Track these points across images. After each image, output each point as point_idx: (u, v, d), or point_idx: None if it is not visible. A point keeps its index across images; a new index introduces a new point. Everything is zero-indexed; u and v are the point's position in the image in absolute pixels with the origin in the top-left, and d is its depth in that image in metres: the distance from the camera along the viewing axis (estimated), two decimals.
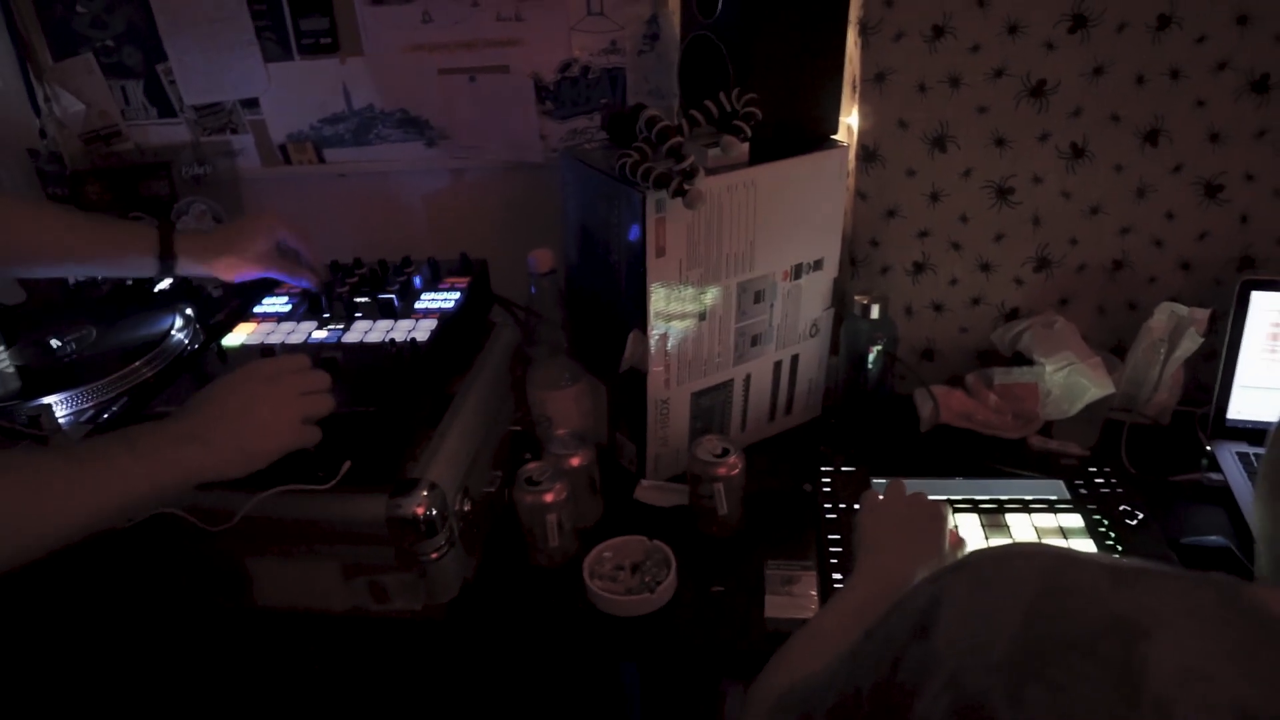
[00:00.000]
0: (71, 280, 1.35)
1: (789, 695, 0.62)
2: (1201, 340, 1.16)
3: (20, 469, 0.68)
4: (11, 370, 1.12)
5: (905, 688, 0.48)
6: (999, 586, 0.47)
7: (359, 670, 0.97)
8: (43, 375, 1.09)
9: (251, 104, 1.39)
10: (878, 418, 1.27)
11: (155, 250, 1.06)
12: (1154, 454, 1.17)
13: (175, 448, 0.76)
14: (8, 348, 1.15)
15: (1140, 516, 1.06)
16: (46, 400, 1.01)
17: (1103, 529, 1.04)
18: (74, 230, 1.05)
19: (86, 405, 1.04)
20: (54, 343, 1.14)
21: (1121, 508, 1.07)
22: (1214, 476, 1.13)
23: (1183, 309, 1.17)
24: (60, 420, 1.01)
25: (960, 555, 0.92)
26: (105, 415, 1.03)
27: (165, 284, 1.26)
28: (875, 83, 1.16)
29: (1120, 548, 1.01)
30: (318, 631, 0.99)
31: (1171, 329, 1.18)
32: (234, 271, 1.11)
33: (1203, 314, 1.16)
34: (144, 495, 0.74)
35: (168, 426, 0.78)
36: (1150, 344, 1.19)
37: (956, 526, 0.96)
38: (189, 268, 1.09)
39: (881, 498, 0.95)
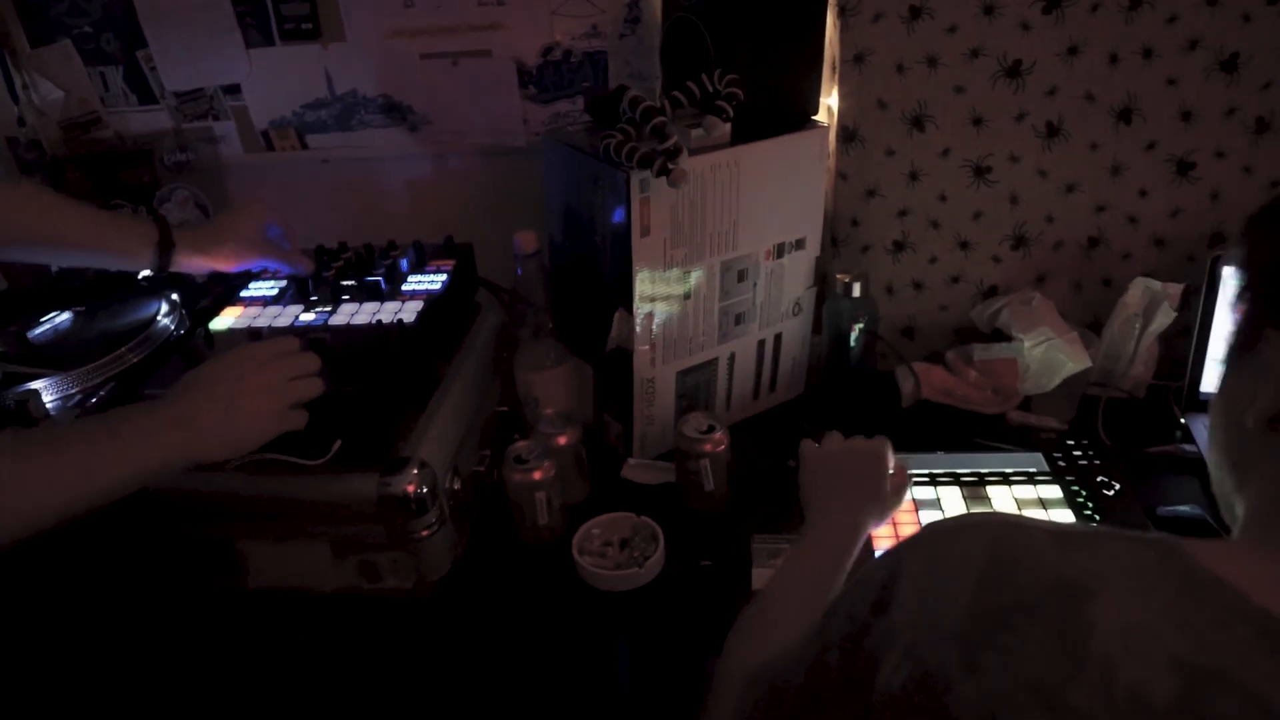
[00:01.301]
0: (54, 267, 1.34)
1: (760, 674, 0.63)
2: (1175, 315, 1.19)
3: (5, 453, 0.68)
4: None
5: (869, 660, 0.49)
6: (950, 560, 0.49)
7: (350, 649, 0.98)
8: (28, 360, 1.09)
9: (233, 90, 1.39)
10: (860, 395, 1.29)
11: (155, 241, 1.04)
12: (1130, 427, 1.20)
13: (161, 433, 0.76)
14: None
15: (1117, 487, 1.08)
16: (34, 385, 1.02)
17: (1080, 499, 1.06)
18: (72, 218, 1.03)
19: (73, 390, 1.04)
20: (39, 329, 1.14)
21: (1099, 479, 1.09)
22: (1188, 448, 1.16)
23: (1156, 284, 1.19)
24: (48, 405, 1.01)
25: (903, 494, 0.95)
26: (93, 400, 1.03)
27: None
28: (854, 64, 1.18)
29: (1098, 517, 1.04)
30: (309, 611, 0.99)
31: (1146, 304, 1.20)
32: (233, 261, 1.10)
33: (1176, 289, 1.19)
34: (126, 480, 0.74)
35: (154, 411, 0.78)
36: (1125, 319, 1.21)
37: (903, 466, 0.97)
38: (187, 260, 1.07)
39: (818, 447, 0.97)
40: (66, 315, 1.18)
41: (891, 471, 0.95)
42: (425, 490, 0.92)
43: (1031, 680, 0.41)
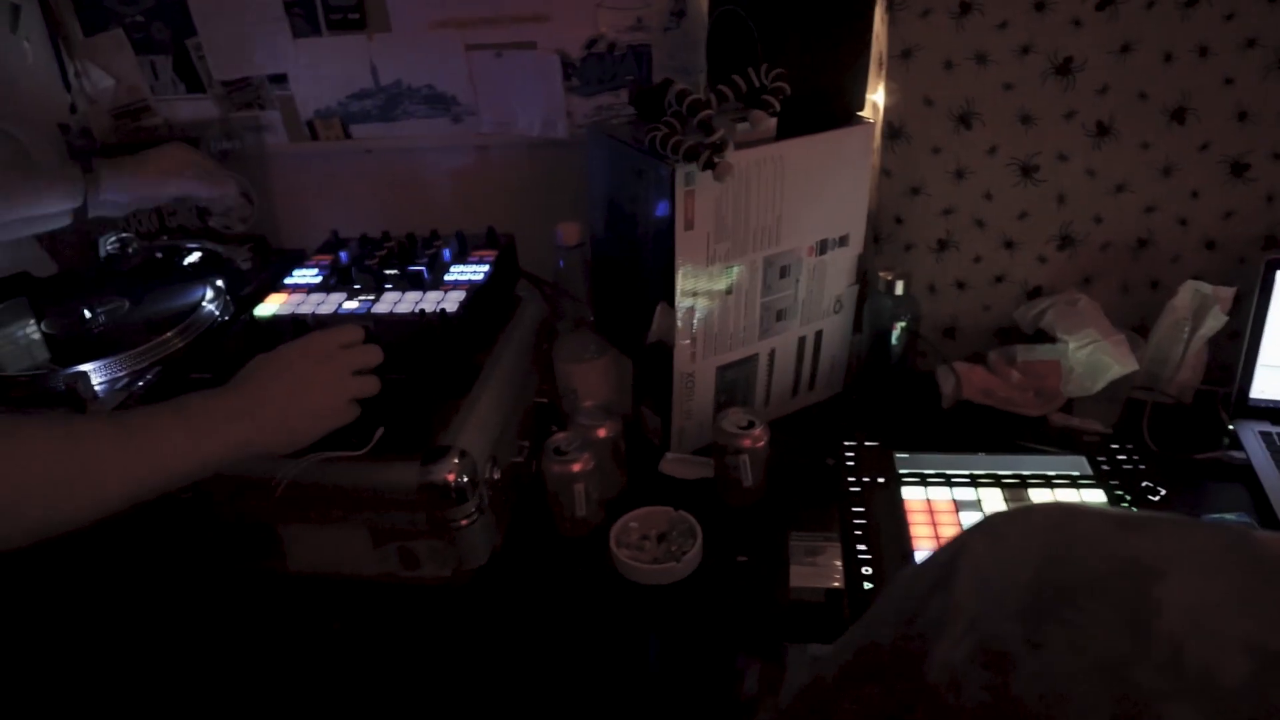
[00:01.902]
0: (104, 247, 1.36)
1: (815, 657, 0.63)
2: (1225, 319, 1.16)
3: (76, 435, 0.68)
4: (44, 342, 1.14)
5: (924, 637, 0.49)
6: (1014, 540, 0.49)
7: (387, 635, 0.99)
8: (77, 345, 1.11)
9: (280, 80, 1.41)
10: (900, 394, 1.28)
11: (79, 171, 1.12)
12: (1176, 432, 1.17)
13: (226, 423, 0.76)
14: (41, 319, 1.17)
15: (1162, 493, 1.06)
16: (83, 368, 1.03)
17: (1125, 505, 1.05)
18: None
19: (120, 374, 1.06)
20: (86, 313, 1.16)
21: (1144, 484, 1.08)
22: (1236, 455, 1.13)
23: (1207, 288, 1.17)
24: (96, 388, 1.03)
25: None
26: (139, 384, 1.05)
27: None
28: (902, 59, 1.17)
29: None
30: (346, 596, 1.00)
31: (1195, 308, 1.18)
32: (155, 187, 1.19)
33: (1227, 293, 1.17)
34: (192, 468, 0.74)
35: (220, 400, 0.78)
36: (1174, 322, 1.19)
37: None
38: (111, 182, 1.14)
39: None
40: (114, 300, 1.20)
41: None
42: (465, 479, 0.92)
43: (1098, 657, 0.41)
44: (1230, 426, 1.18)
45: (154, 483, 0.72)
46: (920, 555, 0.99)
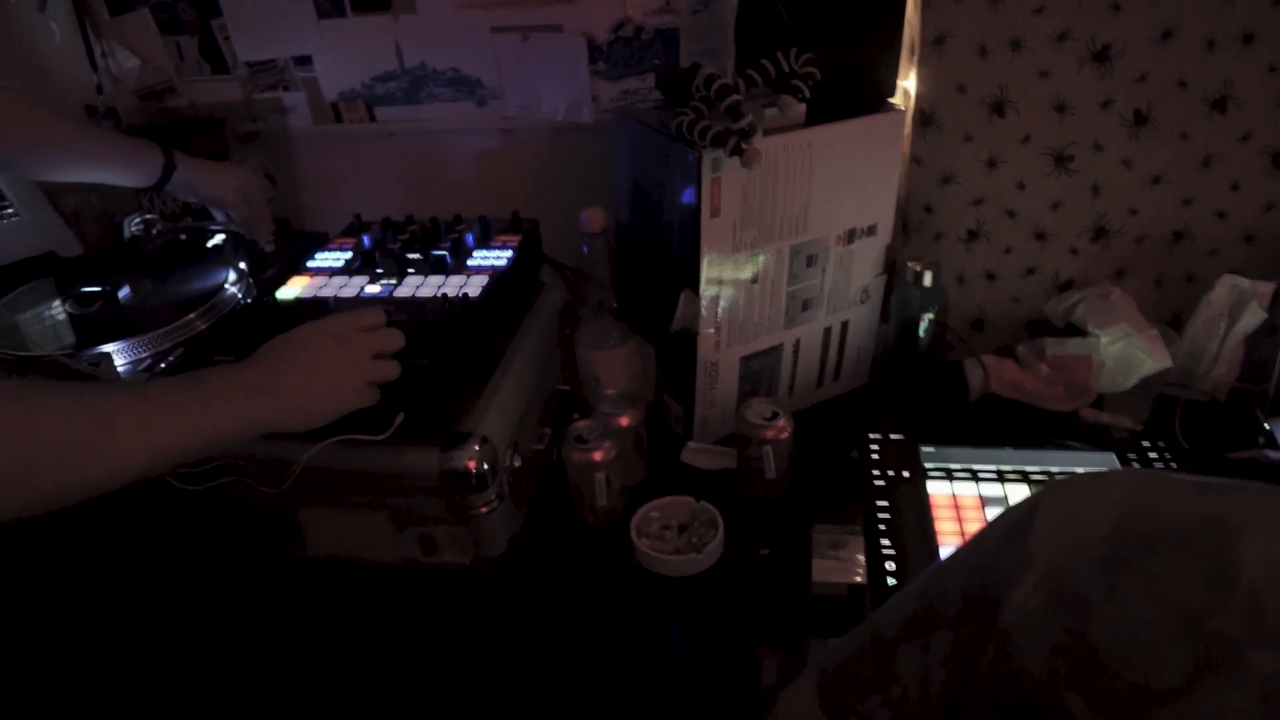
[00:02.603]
0: (128, 229, 1.37)
1: (857, 630, 0.63)
2: (1264, 315, 1.13)
3: (93, 402, 0.67)
4: (68, 322, 1.14)
5: (996, 584, 0.50)
6: (1092, 496, 0.50)
7: (406, 622, 0.99)
8: (100, 325, 1.11)
9: (304, 61, 1.40)
10: (926, 386, 1.26)
11: (160, 160, 1.18)
12: (1209, 430, 1.15)
13: (245, 398, 0.76)
14: (66, 298, 1.17)
15: None
16: (106, 348, 1.03)
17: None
18: (83, 130, 1.19)
19: (143, 355, 1.06)
20: (110, 294, 1.16)
21: None
22: (1271, 454, 1.11)
23: (1245, 282, 1.14)
24: (119, 368, 1.03)
25: None
26: (161, 365, 1.05)
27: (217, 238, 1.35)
28: (935, 45, 1.14)
29: None
30: (365, 582, 1.00)
31: (1232, 303, 1.15)
32: (215, 199, 1.25)
33: (1266, 288, 1.14)
34: (207, 441, 0.74)
35: (240, 374, 0.78)
36: (1210, 317, 1.16)
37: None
38: (183, 182, 1.21)
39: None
40: (138, 280, 1.20)
41: None
42: (486, 466, 0.91)
43: (1177, 605, 0.43)
44: (1266, 425, 1.15)
45: (170, 452, 0.71)
46: (945, 551, 0.98)
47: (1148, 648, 0.43)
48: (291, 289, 1.08)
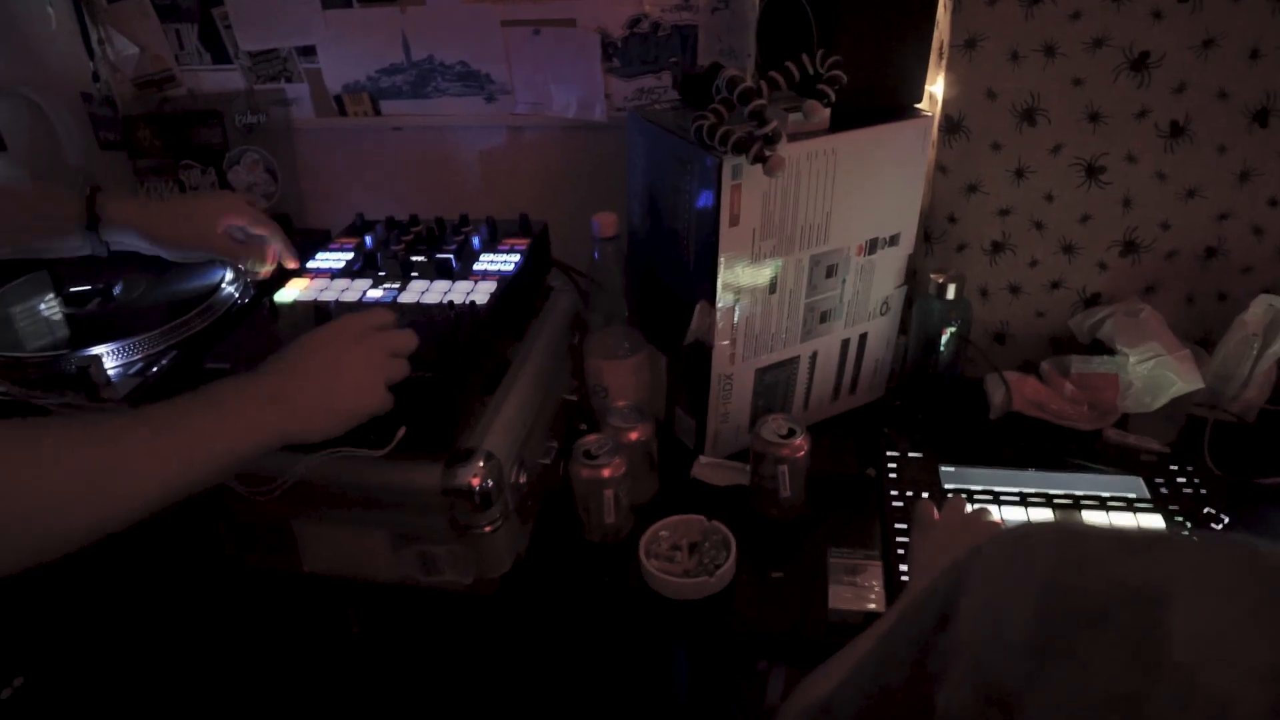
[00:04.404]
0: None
1: (814, 706, 0.60)
2: None
3: (105, 439, 0.64)
4: (60, 320, 1.10)
5: (932, 678, 0.48)
6: (1014, 569, 0.47)
7: (406, 641, 0.95)
8: (95, 323, 1.07)
9: (308, 52, 1.35)
10: (945, 402, 1.22)
11: (80, 217, 0.98)
12: (1239, 454, 1.11)
13: (260, 410, 0.72)
14: (57, 298, 1.13)
15: (1226, 520, 1.00)
16: (96, 351, 0.99)
17: (1186, 533, 0.98)
18: None
19: (135, 357, 1.02)
20: (105, 291, 1.12)
21: (1205, 510, 1.02)
22: None
23: None
24: (110, 372, 0.99)
25: None
26: (154, 368, 1.00)
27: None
28: (964, 49, 1.10)
29: None
30: (366, 599, 0.96)
31: (1267, 323, 1.11)
32: (175, 249, 1.05)
33: None
34: (227, 463, 0.70)
35: (254, 386, 0.74)
36: (1243, 338, 1.12)
37: None
38: (122, 236, 1.02)
39: (937, 515, 0.91)
40: (134, 277, 1.16)
41: None
42: (490, 484, 0.87)
43: (1106, 693, 0.40)
44: None
45: (190, 480, 0.68)
46: None
47: None
48: (290, 291, 1.04)
